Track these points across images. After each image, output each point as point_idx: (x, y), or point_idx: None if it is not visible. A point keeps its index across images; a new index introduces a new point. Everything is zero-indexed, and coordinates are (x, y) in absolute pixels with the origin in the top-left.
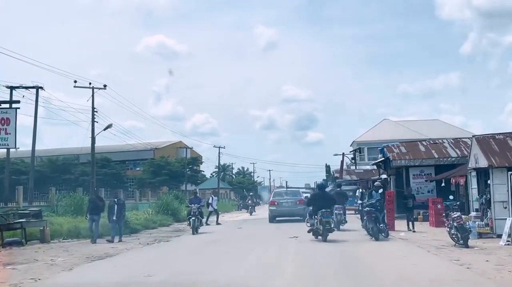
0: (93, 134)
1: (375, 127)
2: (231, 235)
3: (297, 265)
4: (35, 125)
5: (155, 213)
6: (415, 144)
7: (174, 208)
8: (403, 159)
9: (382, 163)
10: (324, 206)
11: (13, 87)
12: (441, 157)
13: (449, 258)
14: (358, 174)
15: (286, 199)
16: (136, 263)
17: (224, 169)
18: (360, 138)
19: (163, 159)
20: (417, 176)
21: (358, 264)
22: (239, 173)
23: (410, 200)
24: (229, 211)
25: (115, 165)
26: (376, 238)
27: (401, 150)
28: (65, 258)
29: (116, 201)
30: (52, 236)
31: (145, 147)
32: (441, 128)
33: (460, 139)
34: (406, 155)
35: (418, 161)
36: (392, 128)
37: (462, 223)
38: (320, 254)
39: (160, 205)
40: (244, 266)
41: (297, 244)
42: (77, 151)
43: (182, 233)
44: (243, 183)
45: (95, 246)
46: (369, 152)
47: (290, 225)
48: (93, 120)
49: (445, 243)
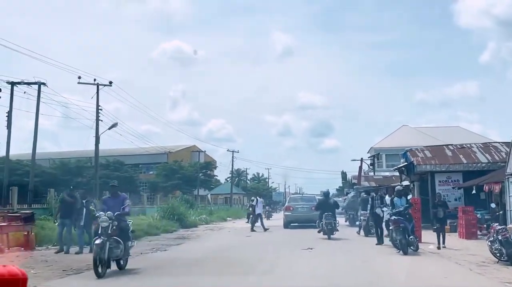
0: (97, 133)
1: (393, 133)
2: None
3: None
4: (36, 123)
5: (160, 218)
6: (441, 148)
7: (180, 213)
8: (428, 164)
9: (404, 168)
10: (327, 210)
11: (14, 82)
12: (470, 163)
13: (497, 279)
14: (377, 181)
15: (301, 204)
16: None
17: (238, 175)
18: (378, 144)
19: (177, 163)
20: (444, 182)
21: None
22: (254, 178)
23: (441, 209)
24: (241, 218)
25: (128, 169)
26: (405, 252)
27: (426, 154)
28: (39, 270)
29: (84, 203)
30: (41, 242)
31: (158, 150)
32: (461, 135)
33: (490, 143)
34: (432, 159)
35: (444, 166)
36: (411, 134)
37: (507, 236)
38: (343, 271)
39: (166, 209)
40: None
41: (312, 258)
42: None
43: (183, 241)
44: (257, 189)
45: (79, 256)
46: (387, 159)
47: (304, 232)
48: (97, 118)
49: (484, 259)
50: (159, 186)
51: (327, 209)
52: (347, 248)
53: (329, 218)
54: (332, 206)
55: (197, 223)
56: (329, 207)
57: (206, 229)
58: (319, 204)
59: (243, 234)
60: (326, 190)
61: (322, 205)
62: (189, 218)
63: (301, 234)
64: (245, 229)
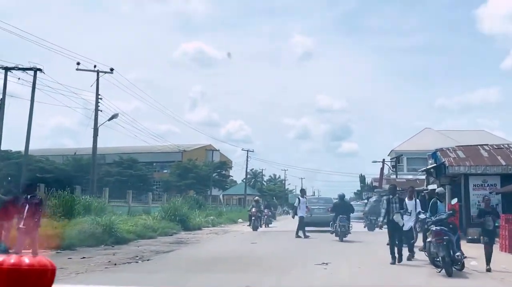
0: (96, 124)
1: (415, 136)
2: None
3: None
4: (31, 111)
5: (160, 219)
6: (475, 148)
7: (183, 214)
8: (462, 165)
9: (433, 170)
10: (342, 213)
11: (8, 68)
12: (510, 165)
13: None
14: (400, 184)
15: (318, 206)
16: None
17: (255, 176)
18: (399, 147)
19: (191, 162)
20: (479, 187)
21: None
22: (270, 180)
23: (490, 218)
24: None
25: (141, 167)
26: (449, 273)
27: (459, 155)
28: None
29: (28, 199)
30: None
31: (173, 149)
32: (486, 139)
33: None
34: (465, 160)
35: (480, 168)
36: (434, 137)
37: None
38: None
39: (167, 210)
40: None
41: (328, 277)
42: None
43: (177, 247)
44: (273, 191)
45: None
46: (409, 162)
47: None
48: (96, 108)
49: None
50: (172, 185)
51: (342, 211)
52: (370, 264)
53: (343, 221)
54: (347, 209)
55: (202, 225)
56: (344, 210)
57: (211, 232)
58: (335, 206)
59: (248, 240)
60: (341, 193)
61: (337, 208)
62: (193, 220)
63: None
64: (253, 233)
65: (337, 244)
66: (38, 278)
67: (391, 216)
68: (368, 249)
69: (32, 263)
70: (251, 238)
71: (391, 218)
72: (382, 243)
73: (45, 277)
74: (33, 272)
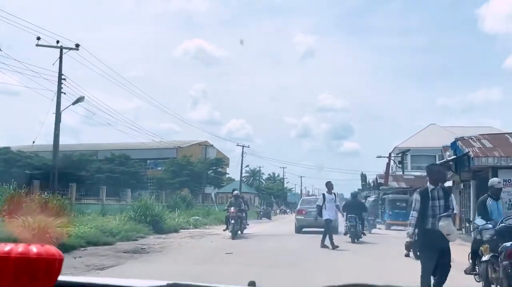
0: (58, 109)
1: (420, 133)
2: (207, 270)
3: None
4: None
5: (128, 220)
6: (503, 137)
7: (155, 214)
8: (490, 156)
9: (453, 163)
10: (353, 212)
11: None
12: None
13: None
14: (408, 181)
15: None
16: None
17: (253, 174)
18: (404, 143)
19: (185, 159)
20: (509, 183)
21: None
22: (269, 178)
23: None
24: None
25: (134, 163)
26: None
27: (484, 144)
28: None
29: None
30: None
31: (168, 145)
32: None
33: None
34: (494, 150)
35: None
36: (440, 134)
37: None
38: None
39: (137, 209)
40: None
41: None
42: (95, 147)
43: (125, 261)
44: (271, 189)
45: None
46: (413, 160)
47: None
48: (59, 89)
49: None
50: (166, 182)
51: (352, 211)
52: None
53: (352, 221)
54: (358, 208)
55: (181, 226)
56: (355, 209)
57: (186, 236)
58: (345, 205)
59: (224, 248)
60: (354, 191)
61: (348, 207)
62: (167, 221)
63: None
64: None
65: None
66: (46, 267)
67: (430, 224)
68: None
69: (40, 252)
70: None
71: (428, 226)
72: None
73: (53, 266)
74: (41, 261)
